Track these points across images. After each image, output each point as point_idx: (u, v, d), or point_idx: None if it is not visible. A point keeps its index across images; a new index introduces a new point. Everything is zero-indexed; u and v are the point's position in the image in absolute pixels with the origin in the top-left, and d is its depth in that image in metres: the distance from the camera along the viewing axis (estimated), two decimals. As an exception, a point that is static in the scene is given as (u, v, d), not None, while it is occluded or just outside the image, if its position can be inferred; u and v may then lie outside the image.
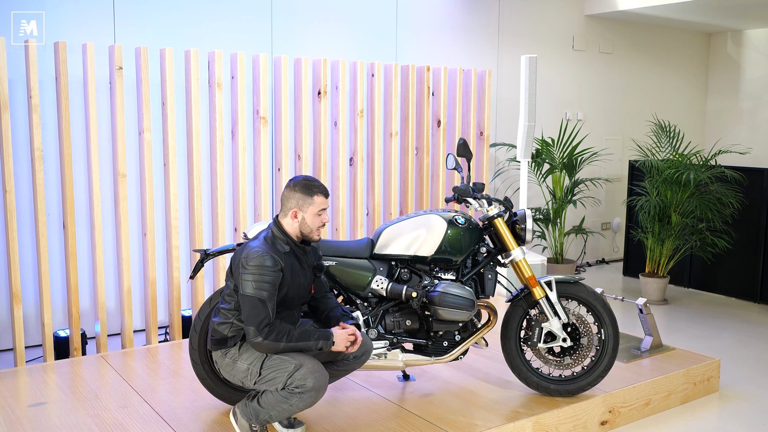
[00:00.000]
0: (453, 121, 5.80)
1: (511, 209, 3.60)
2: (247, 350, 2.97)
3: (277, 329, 2.85)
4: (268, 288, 2.85)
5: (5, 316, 4.62)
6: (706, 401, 4.09)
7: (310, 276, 3.11)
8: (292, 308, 3.05)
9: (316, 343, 2.91)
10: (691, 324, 5.69)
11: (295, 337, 2.87)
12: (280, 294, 2.93)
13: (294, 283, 2.98)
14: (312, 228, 3.01)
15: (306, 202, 2.98)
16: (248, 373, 2.95)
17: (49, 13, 4.62)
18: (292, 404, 2.89)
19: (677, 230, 6.19)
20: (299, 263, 3.03)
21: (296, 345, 2.87)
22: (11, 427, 3.22)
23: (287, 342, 2.85)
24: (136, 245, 4.93)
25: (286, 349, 2.87)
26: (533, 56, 5.50)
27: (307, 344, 2.90)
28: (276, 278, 2.87)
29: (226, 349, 3.00)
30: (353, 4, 5.96)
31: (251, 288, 2.84)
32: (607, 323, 3.57)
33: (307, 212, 2.99)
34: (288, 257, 2.97)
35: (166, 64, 4.48)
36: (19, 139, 4.52)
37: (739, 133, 8.76)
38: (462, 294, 3.34)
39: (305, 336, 2.90)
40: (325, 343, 2.92)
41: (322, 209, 3.01)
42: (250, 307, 2.83)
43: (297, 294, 3.01)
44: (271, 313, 2.84)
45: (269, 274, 2.85)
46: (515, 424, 3.30)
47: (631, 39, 8.14)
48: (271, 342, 2.83)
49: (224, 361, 3.01)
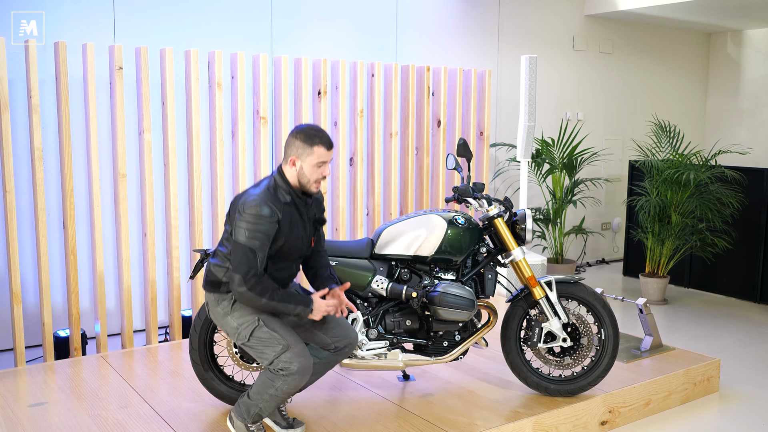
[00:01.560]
0: (453, 121, 5.80)
1: (511, 209, 3.60)
2: (239, 309, 2.91)
3: (263, 284, 2.78)
4: (261, 238, 2.77)
5: (5, 316, 4.62)
6: (706, 401, 4.09)
7: (311, 229, 3.02)
8: (290, 261, 2.97)
9: (295, 308, 2.84)
10: (691, 324, 5.69)
11: (277, 297, 2.80)
12: (277, 245, 2.85)
13: (292, 236, 2.90)
14: (310, 179, 2.90)
15: (305, 151, 2.86)
16: (237, 333, 2.92)
17: (49, 13, 4.62)
18: (278, 388, 2.88)
19: (677, 230, 6.19)
20: (300, 215, 2.94)
21: (276, 305, 2.81)
22: (11, 427, 3.23)
23: (269, 299, 2.79)
24: (136, 245, 4.93)
25: (265, 307, 2.81)
26: (533, 56, 5.50)
27: (287, 307, 2.83)
28: (271, 229, 2.79)
29: (219, 295, 2.94)
30: (353, 4, 5.96)
31: (244, 236, 2.77)
32: (607, 323, 3.57)
33: (305, 162, 2.87)
34: (288, 208, 2.88)
35: (166, 64, 4.48)
36: (19, 139, 4.52)
37: (739, 133, 8.76)
38: (462, 294, 3.34)
39: (287, 298, 2.83)
40: (304, 309, 2.86)
41: (322, 161, 2.88)
42: (240, 255, 2.76)
43: (295, 246, 2.93)
44: (259, 264, 2.77)
45: (264, 224, 2.77)
46: (515, 424, 3.30)
47: (631, 39, 8.14)
48: (253, 295, 2.77)
49: (216, 309, 2.96)
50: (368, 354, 3.39)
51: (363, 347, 3.37)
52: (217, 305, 2.95)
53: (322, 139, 2.88)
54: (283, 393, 2.90)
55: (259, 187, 2.89)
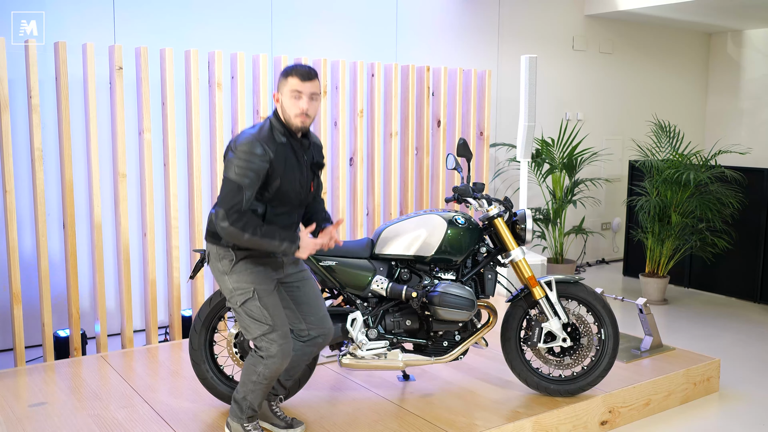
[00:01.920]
0: (453, 121, 5.80)
1: (511, 209, 3.60)
2: (238, 272, 2.89)
3: (246, 219, 2.75)
4: (251, 176, 2.74)
5: (5, 316, 4.62)
6: (706, 401, 4.09)
7: (308, 173, 2.98)
8: (290, 207, 2.94)
9: (281, 244, 2.79)
10: (691, 324, 5.69)
11: (261, 233, 2.76)
12: (273, 186, 2.83)
13: (288, 177, 2.86)
14: (289, 114, 2.84)
15: (282, 82, 2.84)
16: (230, 295, 2.91)
17: (49, 13, 4.62)
18: (259, 374, 2.89)
19: (677, 230, 6.19)
20: (295, 157, 2.90)
21: (260, 240, 2.76)
22: (11, 427, 3.23)
23: (252, 235, 2.74)
24: (136, 245, 4.93)
25: (249, 242, 2.76)
26: (533, 56, 5.50)
27: (272, 243, 2.78)
28: (261, 168, 2.76)
29: (221, 249, 2.89)
30: (353, 5, 5.96)
31: (234, 172, 2.75)
32: (607, 323, 3.57)
33: (283, 94, 2.84)
34: (282, 148, 2.85)
35: (166, 64, 4.48)
36: (19, 139, 4.52)
37: (739, 133, 8.76)
38: (462, 294, 3.34)
39: (271, 233, 2.78)
40: (290, 246, 2.81)
41: (296, 90, 2.81)
42: (227, 189, 2.75)
43: (293, 189, 2.89)
44: (245, 201, 2.74)
45: (255, 162, 2.74)
46: (515, 424, 3.30)
47: (631, 39, 8.14)
48: (236, 229, 2.73)
49: (216, 264, 2.92)
50: (368, 354, 3.38)
51: (363, 347, 3.37)
52: (217, 261, 2.91)
53: (298, 70, 2.83)
54: (266, 378, 2.90)
55: (255, 127, 2.87)
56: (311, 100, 2.84)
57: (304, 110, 2.83)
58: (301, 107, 2.83)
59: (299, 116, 2.83)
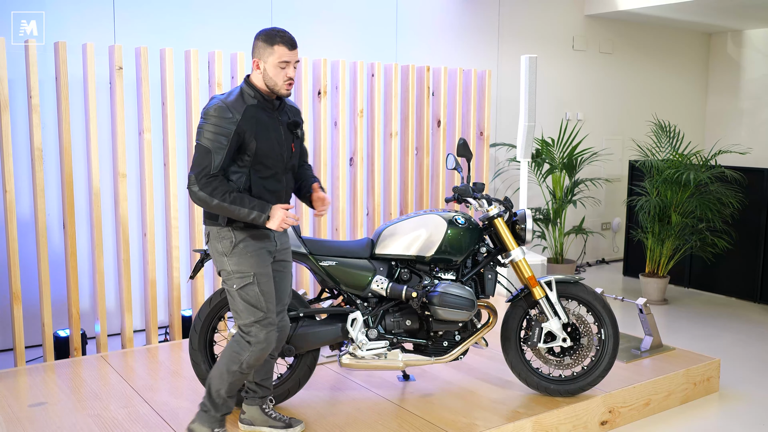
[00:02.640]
0: (453, 121, 5.80)
1: (511, 209, 3.60)
2: (238, 255, 2.85)
3: (216, 185, 2.73)
4: (221, 140, 2.72)
5: (5, 316, 4.62)
6: (706, 401, 4.09)
7: (287, 133, 2.94)
8: (275, 171, 2.89)
9: (250, 213, 2.76)
10: (691, 324, 5.69)
11: (230, 199, 2.73)
12: (251, 148, 2.79)
13: (263, 137, 2.82)
14: (276, 82, 2.81)
15: (266, 51, 2.79)
16: (228, 277, 2.88)
17: (49, 13, 4.62)
18: (242, 361, 2.87)
19: (677, 230, 6.18)
20: (268, 117, 2.87)
21: (229, 207, 2.74)
22: (11, 427, 3.23)
23: (221, 201, 2.73)
24: (136, 245, 4.93)
25: (218, 208, 2.75)
26: (533, 56, 5.50)
27: (241, 210, 2.75)
28: (229, 131, 2.73)
29: (221, 230, 2.86)
30: (353, 5, 5.96)
31: (203, 136, 2.74)
32: (607, 323, 3.57)
33: (268, 63, 2.80)
34: (252, 109, 2.81)
35: (166, 64, 4.48)
36: (19, 139, 4.52)
37: (739, 133, 8.76)
38: (462, 294, 3.34)
39: (240, 200, 2.75)
40: (259, 215, 2.77)
41: (284, 61, 2.79)
42: (198, 154, 2.75)
43: (272, 150, 2.85)
44: (213, 165, 2.72)
45: (223, 125, 2.72)
46: (515, 424, 3.30)
47: (631, 39, 8.14)
48: (205, 194, 2.73)
49: (216, 244, 2.88)
50: (368, 354, 3.38)
51: (363, 347, 3.37)
52: (217, 241, 2.88)
53: (283, 38, 2.80)
54: (248, 367, 2.89)
55: (223, 94, 2.85)
56: (295, 67, 2.85)
57: (292, 78, 2.84)
58: (290, 75, 2.82)
59: (287, 84, 2.83)
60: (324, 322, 3.42)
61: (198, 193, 2.74)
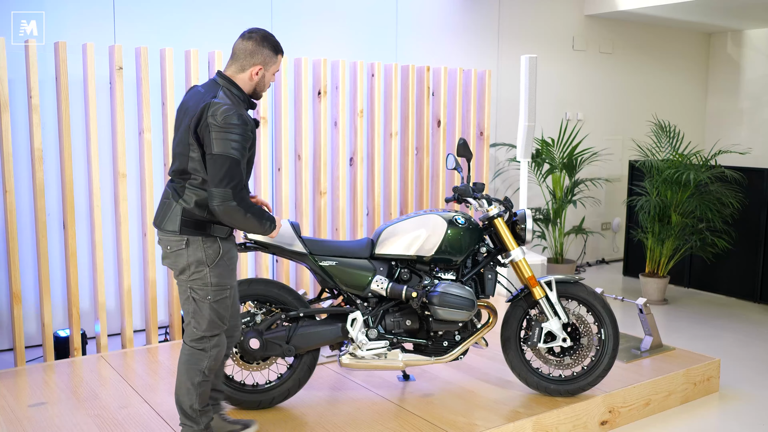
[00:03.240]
0: (453, 121, 5.80)
1: (511, 209, 3.60)
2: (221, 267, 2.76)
3: (246, 198, 2.66)
4: (243, 150, 2.63)
5: (5, 316, 4.62)
6: (706, 401, 4.09)
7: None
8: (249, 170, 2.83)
9: (265, 223, 2.75)
10: (691, 324, 5.69)
11: (253, 211, 2.68)
12: (249, 155, 2.73)
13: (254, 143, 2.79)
14: (264, 87, 2.84)
15: (272, 60, 2.80)
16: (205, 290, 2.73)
17: (49, 13, 4.62)
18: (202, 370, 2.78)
19: (677, 230, 6.18)
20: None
21: (253, 220, 2.68)
22: (11, 427, 3.23)
23: (252, 214, 2.67)
24: (136, 245, 4.93)
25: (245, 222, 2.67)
26: (533, 56, 5.50)
27: (261, 222, 2.73)
28: (251, 139, 2.69)
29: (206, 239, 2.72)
30: (353, 4, 5.96)
31: (229, 147, 2.58)
32: (607, 323, 3.57)
33: (269, 71, 2.82)
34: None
35: (166, 64, 4.48)
36: (19, 139, 4.52)
37: (739, 133, 8.76)
38: (462, 294, 3.34)
39: (260, 213, 2.73)
40: (271, 226, 2.79)
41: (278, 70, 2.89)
42: (226, 168, 2.57)
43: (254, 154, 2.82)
44: (244, 176, 2.66)
45: (248, 134, 2.65)
46: (515, 424, 3.30)
47: (631, 39, 8.14)
48: (241, 209, 2.62)
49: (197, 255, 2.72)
50: (368, 354, 3.38)
51: (363, 347, 3.37)
52: (200, 251, 2.71)
53: (281, 48, 2.85)
54: (210, 371, 2.82)
55: (219, 98, 2.68)
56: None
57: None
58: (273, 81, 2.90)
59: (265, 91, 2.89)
60: (324, 322, 3.42)
61: (235, 208, 2.61)
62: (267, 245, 3.38)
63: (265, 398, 3.39)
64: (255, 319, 3.35)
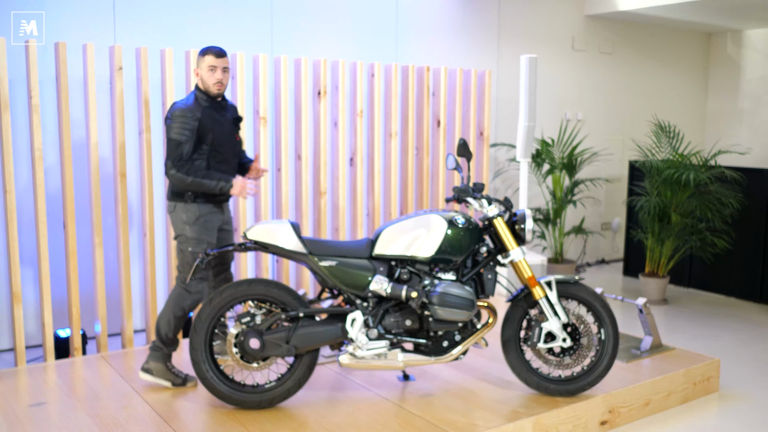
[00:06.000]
0: (453, 121, 5.80)
1: (511, 209, 3.60)
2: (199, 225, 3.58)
3: (189, 167, 3.48)
4: (187, 134, 3.47)
5: (5, 316, 4.62)
6: (706, 401, 4.09)
7: (231, 126, 3.71)
8: (225, 155, 3.63)
9: (218, 183, 3.50)
10: (691, 324, 5.69)
11: (201, 175, 3.48)
12: (209, 138, 3.54)
13: (216, 130, 3.57)
14: (208, 83, 3.57)
15: (199, 61, 3.58)
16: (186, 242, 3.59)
17: (49, 13, 4.62)
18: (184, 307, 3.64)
19: (677, 230, 6.19)
20: (218, 115, 3.62)
21: (201, 181, 3.48)
22: (11, 427, 3.23)
23: (194, 177, 3.47)
24: (136, 245, 4.93)
25: (192, 185, 3.48)
26: (533, 56, 5.50)
27: (210, 183, 3.49)
28: (193, 126, 3.48)
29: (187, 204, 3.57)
30: (353, 5, 5.96)
31: (173, 132, 3.47)
32: (607, 323, 3.58)
33: (201, 69, 3.58)
34: (207, 110, 3.57)
35: (166, 65, 4.48)
36: (19, 139, 4.52)
37: (739, 134, 8.76)
38: (462, 294, 3.34)
39: (209, 176, 3.50)
40: (225, 184, 3.51)
41: (212, 66, 3.54)
42: (171, 147, 3.47)
43: (224, 139, 3.62)
44: (185, 152, 3.46)
45: (188, 122, 3.47)
46: (515, 424, 3.30)
47: (631, 39, 8.14)
48: (181, 174, 3.46)
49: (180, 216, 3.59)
50: (368, 354, 3.39)
51: (363, 347, 3.37)
52: (183, 213, 3.57)
53: (211, 49, 3.58)
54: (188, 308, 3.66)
55: (184, 100, 3.60)
56: (224, 72, 3.59)
57: (220, 79, 3.58)
58: (217, 77, 3.57)
59: (216, 85, 3.58)
60: (324, 322, 3.42)
61: (176, 174, 3.47)
62: (267, 245, 3.39)
63: (265, 398, 3.40)
64: (255, 320, 3.35)
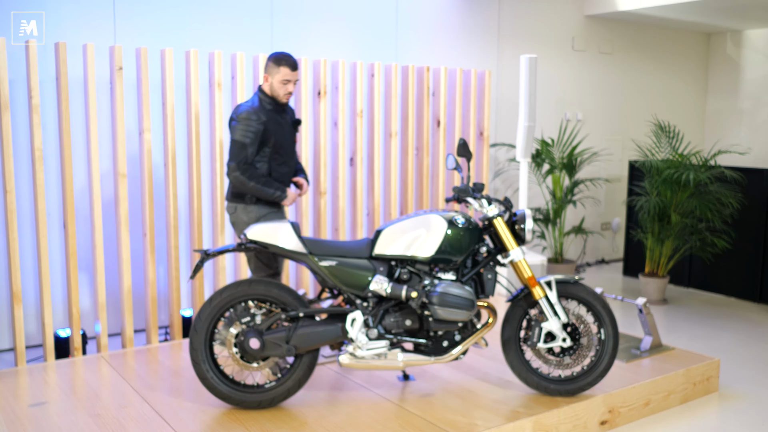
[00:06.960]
0: (453, 121, 5.81)
1: (511, 209, 3.60)
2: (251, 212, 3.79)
3: (251, 171, 3.66)
4: (251, 136, 3.62)
5: (5, 316, 4.62)
6: (706, 401, 4.10)
7: (290, 128, 3.89)
8: (285, 157, 3.82)
9: (275, 193, 3.72)
10: (691, 324, 5.69)
11: (261, 182, 3.67)
12: (271, 142, 3.71)
13: (278, 132, 3.75)
14: (278, 93, 3.75)
15: (274, 70, 3.72)
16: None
17: (49, 13, 4.62)
18: None
19: (677, 230, 6.19)
20: (280, 118, 3.79)
21: (260, 188, 3.67)
22: (11, 427, 3.23)
23: (255, 183, 3.66)
24: (136, 245, 4.93)
25: (252, 189, 3.67)
26: (533, 56, 5.50)
27: (267, 190, 3.70)
28: (259, 129, 3.64)
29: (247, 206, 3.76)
30: (353, 5, 5.96)
31: (239, 134, 3.62)
32: (606, 323, 3.58)
33: (274, 78, 3.72)
34: (271, 113, 3.74)
35: (166, 65, 4.48)
36: (19, 139, 4.52)
37: (739, 134, 8.76)
38: (462, 294, 3.34)
39: (268, 183, 3.71)
40: (281, 195, 3.75)
41: (286, 79, 3.72)
42: (236, 148, 3.63)
43: (284, 141, 3.79)
44: (249, 155, 3.63)
45: (254, 125, 3.63)
46: (515, 424, 3.30)
47: (631, 39, 8.14)
48: (244, 178, 3.64)
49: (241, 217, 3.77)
50: (368, 354, 3.39)
51: (363, 347, 3.37)
52: (244, 214, 3.77)
53: (287, 61, 3.72)
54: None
55: (249, 101, 3.75)
56: (294, 84, 3.78)
57: (291, 91, 3.79)
58: (289, 90, 3.77)
59: (286, 95, 3.78)
60: (324, 322, 3.42)
61: (240, 177, 3.64)
62: (267, 245, 3.39)
63: (266, 398, 3.40)
64: (255, 319, 3.35)
